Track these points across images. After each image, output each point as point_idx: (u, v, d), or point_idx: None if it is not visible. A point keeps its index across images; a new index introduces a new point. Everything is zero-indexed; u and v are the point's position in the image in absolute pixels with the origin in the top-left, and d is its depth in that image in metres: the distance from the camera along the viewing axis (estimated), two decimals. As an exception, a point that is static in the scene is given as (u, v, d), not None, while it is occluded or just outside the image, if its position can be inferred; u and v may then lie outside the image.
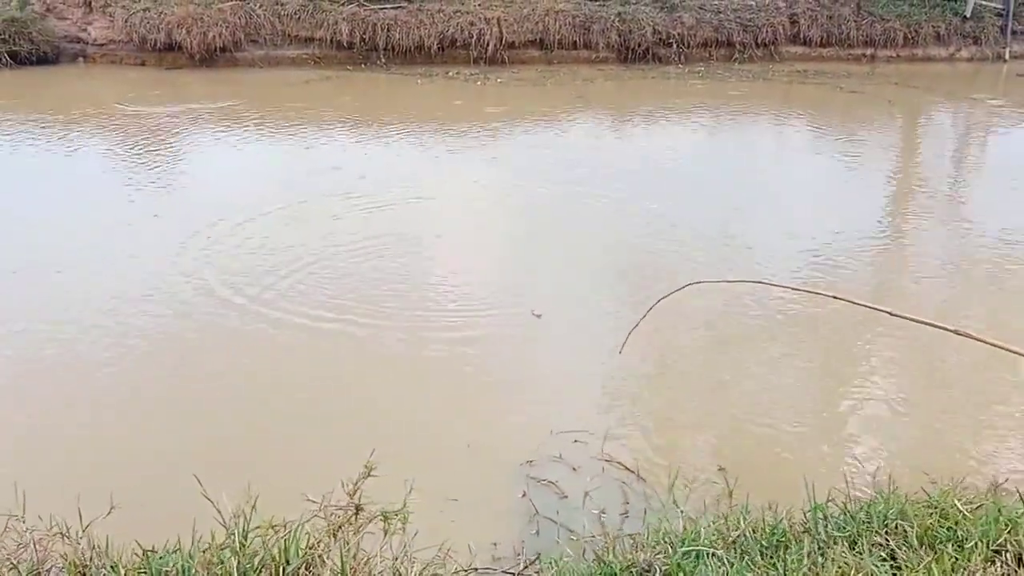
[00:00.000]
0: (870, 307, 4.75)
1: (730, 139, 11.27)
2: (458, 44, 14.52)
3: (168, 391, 5.10)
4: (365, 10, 14.52)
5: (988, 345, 4.02)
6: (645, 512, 3.90)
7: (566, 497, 4.19)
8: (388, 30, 14.37)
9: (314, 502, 3.00)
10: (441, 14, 14.58)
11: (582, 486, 4.24)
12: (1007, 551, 2.60)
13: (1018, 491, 2.97)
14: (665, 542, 2.89)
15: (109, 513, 3.05)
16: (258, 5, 14.39)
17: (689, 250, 7.09)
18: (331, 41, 14.39)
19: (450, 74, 14.03)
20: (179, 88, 12.99)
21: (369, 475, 3.04)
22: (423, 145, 10.29)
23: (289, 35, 14.45)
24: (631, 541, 3.07)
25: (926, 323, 4.09)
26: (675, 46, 14.95)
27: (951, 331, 3.78)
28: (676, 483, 3.89)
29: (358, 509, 2.99)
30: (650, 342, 5.36)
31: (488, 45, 14.49)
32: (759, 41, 15.18)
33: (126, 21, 14.00)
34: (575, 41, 14.87)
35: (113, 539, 2.99)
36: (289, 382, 5.18)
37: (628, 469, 4.39)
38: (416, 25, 14.43)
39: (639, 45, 14.84)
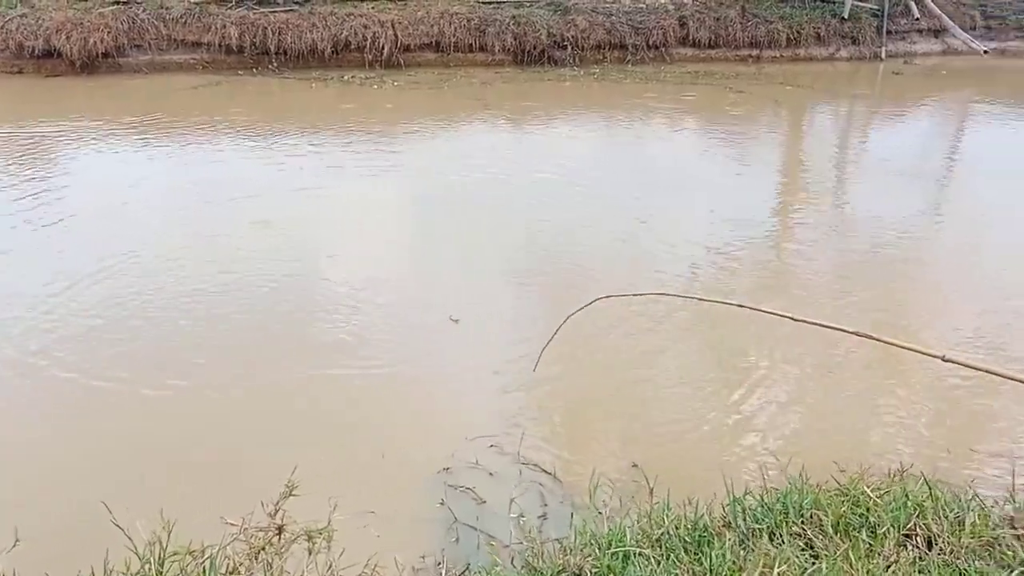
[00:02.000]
0: (775, 313, 4.91)
1: (626, 141, 11.44)
2: (352, 47, 14.35)
3: (71, 416, 4.87)
4: (255, 13, 14.20)
5: (881, 342, 4.21)
6: (572, 515, 3.91)
7: (484, 503, 4.18)
8: (279, 33, 14.09)
9: (234, 525, 2.92)
10: (334, 17, 14.38)
11: (500, 491, 4.24)
12: (917, 535, 2.71)
13: (923, 475, 3.11)
14: (592, 544, 2.92)
15: (14, 546, 2.90)
16: (142, 9, 13.91)
17: (593, 256, 7.15)
18: (220, 45, 14.01)
19: (345, 78, 13.85)
20: (58, 97, 12.44)
21: (291, 494, 2.98)
22: (319, 150, 10.13)
23: (175, 40, 14.01)
24: (559, 545, 3.09)
25: (828, 326, 4.26)
26: (570, 48, 15.12)
27: (851, 332, 3.94)
28: (595, 483, 3.94)
29: (280, 529, 2.92)
30: (560, 348, 5.37)
31: (383, 48, 14.37)
32: (650, 43, 15.48)
33: (2, 27, 13.33)
34: (471, 44, 14.88)
35: (22, 573, 2.85)
36: (194, 401, 5.02)
37: (545, 471, 4.42)
38: (308, 28, 14.19)
39: (534, 47, 14.95)
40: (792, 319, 4.33)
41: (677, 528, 2.96)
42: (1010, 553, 2.58)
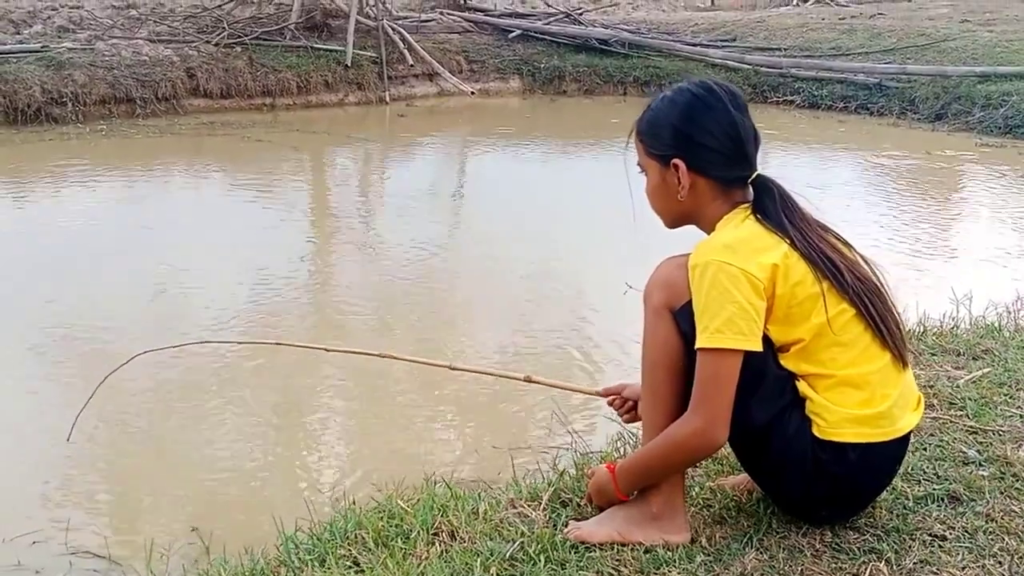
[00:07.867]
0: (308, 347, 5.22)
1: (149, 197, 11.13)
2: None
3: None
4: None
5: (410, 362, 4.72)
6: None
7: (30, 607, 3.93)
8: None
9: None
10: None
11: (49, 590, 4.01)
12: (443, 531, 3.16)
13: (443, 478, 3.62)
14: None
15: None
16: None
17: (128, 317, 6.88)
18: None
19: None
20: None
21: None
22: None
23: None
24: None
25: (356, 352, 4.68)
26: (70, 105, 14.29)
27: (376, 355, 4.39)
28: (152, 555, 3.91)
29: None
30: (102, 419, 5.18)
31: None
32: (160, 95, 15.19)
33: None
34: (-52, 106, 13.43)
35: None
36: None
37: (98, 556, 4.25)
38: None
39: (28, 106, 13.92)
40: (325, 350, 4.67)
41: (234, 579, 3.10)
42: (512, 529, 3.12)
